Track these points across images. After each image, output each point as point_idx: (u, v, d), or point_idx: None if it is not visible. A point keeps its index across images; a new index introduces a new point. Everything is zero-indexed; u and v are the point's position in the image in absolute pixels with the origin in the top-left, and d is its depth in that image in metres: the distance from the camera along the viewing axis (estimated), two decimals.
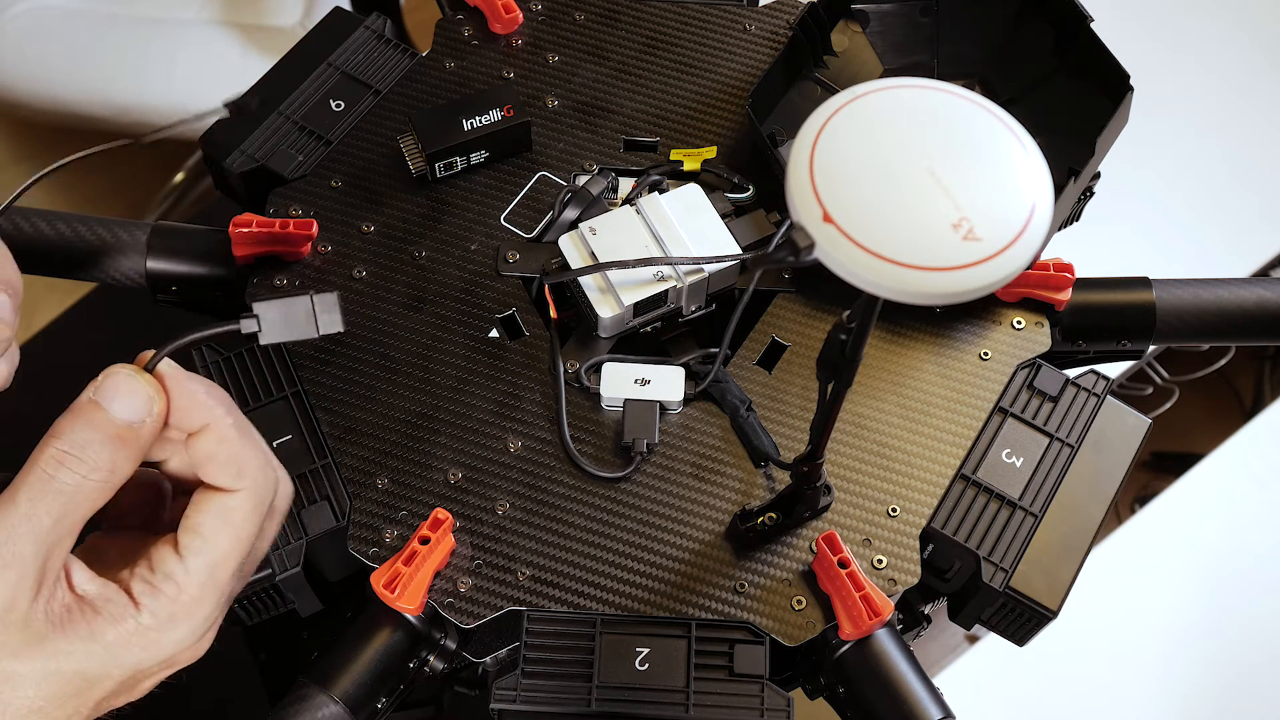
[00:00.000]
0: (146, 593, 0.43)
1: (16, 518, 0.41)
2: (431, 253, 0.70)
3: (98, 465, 0.42)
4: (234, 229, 0.68)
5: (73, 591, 0.42)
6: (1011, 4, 0.75)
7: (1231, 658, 1.21)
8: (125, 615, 0.43)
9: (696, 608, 0.61)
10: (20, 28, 1.37)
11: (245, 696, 0.82)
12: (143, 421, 0.43)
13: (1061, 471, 0.65)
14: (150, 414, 0.43)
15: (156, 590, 0.43)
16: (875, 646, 0.60)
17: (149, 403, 0.43)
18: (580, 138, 0.74)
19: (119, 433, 0.42)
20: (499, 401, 0.66)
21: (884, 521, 0.63)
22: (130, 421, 0.42)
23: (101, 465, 0.42)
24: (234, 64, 1.36)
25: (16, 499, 0.41)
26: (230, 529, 0.45)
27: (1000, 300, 0.69)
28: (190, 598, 0.44)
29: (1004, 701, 1.20)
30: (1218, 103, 1.41)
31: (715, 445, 0.65)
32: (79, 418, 0.42)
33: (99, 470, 0.42)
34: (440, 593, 0.60)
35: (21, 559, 0.40)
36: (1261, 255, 1.34)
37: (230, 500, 0.45)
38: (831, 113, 0.41)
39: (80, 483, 0.41)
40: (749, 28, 0.79)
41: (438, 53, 0.77)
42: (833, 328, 0.48)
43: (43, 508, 0.41)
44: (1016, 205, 0.39)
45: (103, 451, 0.42)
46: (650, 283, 0.66)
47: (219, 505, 0.44)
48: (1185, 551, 1.26)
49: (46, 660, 0.42)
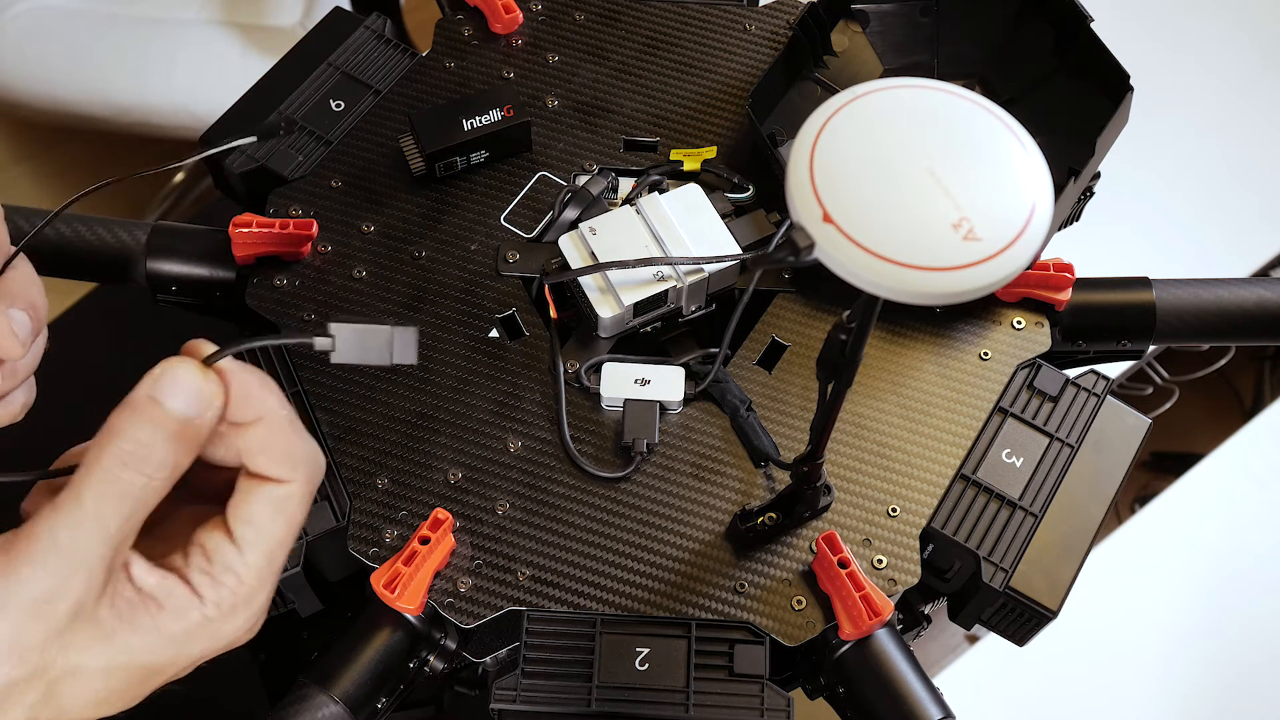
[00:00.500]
0: (208, 585, 0.43)
1: (85, 519, 0.40)
2: (431, 253, 0.70)
3: (163, 464, 0.41)
4: (234, 229, 0.68)
5: (132, 584, 0.42)
6: (1011, 4, 0.75)
7: (1231, 658, 1.21)
8: (190, 608, 0.43)
9: (696, 608, 0.61)
10: (20, 28, 1.37)
11: (245, 696, 0.82)
12: (202, 415, 0.42)
13: (1061, 471, 0.65)
14: (211, 408, 0.42)
15: (218, 583, 0.43)
16: (875, 646, 0.60)
17: (209, 397, 0.42)
18: (580, 138, 0.74)
19: (179, 429, 0.41)
20: (499, 401, 0.66)
21: (884, 521, 0.63)
22: (190, 417, 0.42)
23: (166, 463, 0.41)
24: (234, 64, 1.36)
25: (83, 500, 0.40)
26: (285, 518, 0.44)
27: (1000, 300, 0.69)
28: (250, 588, 0.44)
29: (1004, 701, 1.20)
30: (1218, 103, 1.41)
31: (715, 445, 0.65)
32: (139, 415, 0.41)
33: (164, 468, 0.41)
34: (440, 593, 0.60)
35: (90, 561, 0.40)
36: (1261, 255, 1.34)
37: (284, 490, 0.44)
38: (831, 113, 0.41)
39: (146, 482, 0.41)
40: (749, 28, 0.79)
41: (438, 53, 0.77)
42: (833, 328, 0.48)
43: (110, 509, 0.41)
44: (1016, 205, 0.39)
45: (166, 449, 0.41)
46: (650, 283, 0.66)
47: (274, 495, 0.44)
48: (1185, 551, 1.26)
49: (115, 654, 0.42)
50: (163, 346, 0.46)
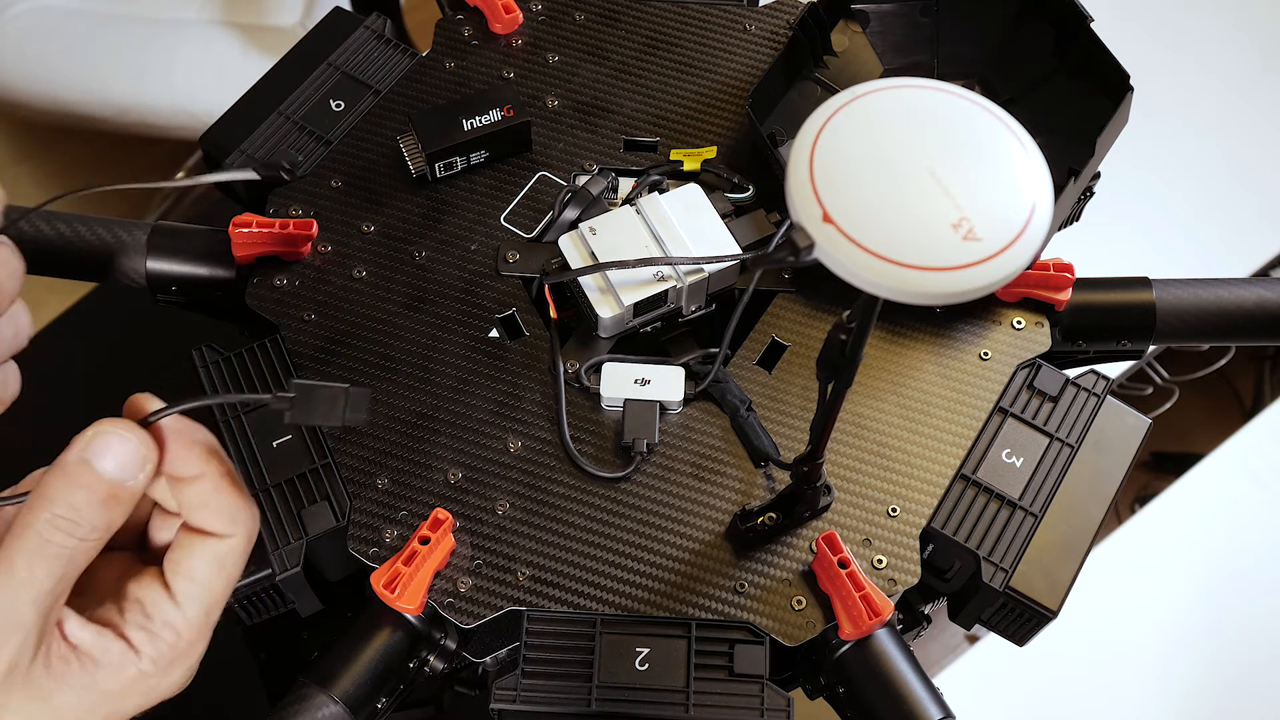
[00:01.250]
0: (145, 640, 0.43)
1: (17, 582, 0.40)
2: (431, 253, 0.70)
3: (94, 526, 0.41)
4: (234, 229, 0.68)
5: (66, 641, 0.42)
6: (1011, 4, 0.75)
7: (1231, 658, 1.21)
8: (126, 664, 0.43)
9: (696, 608, 0.61)
10: (20, 28, 1.37)
11: (245, 696, 0.82)
12: (134, 478, 0.42)
13: (1061, 471, 0.65)
14: (143, 471, 0.42)
15: (156, 638, 0.44)
16: (875, 646, 0.60)
17: (141, 460, 0.42)
18: (580, 138, 0.74)
19: (111, 492, 0.42)
20: (499, 401, 0.66)
21: (884, 521, 0.63)
22: (122, 481, 0.42)
23: (97, 526, 0.42)
24: (234, 64, 1.36)
25: (14, 563, 0.41)
26: (224, 573, 0.45)
27: (1000, 300, 0.69)
28: (188, 642, 0.44)
29: (1004, 701, 1.20)
30: (1218, 103, 1.41)
31: (715, 445, 0.65)
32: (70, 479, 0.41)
33: (95, 531, 0.42)
34: (440, 593, 0.60)
35: (24, 624, 0.40)
36: (1261, 255, 1.34)
37: (224, 546, 0.45)
38: (831, 113, 0.41)
39: (78, 545, 0.41)
40: (749, 28, 0.79)
41: (438, 53, 0.77)
42: (833, 328, 0.48)
43: (42, 571, 0.41)
44: (1016, 205, 0.39)
45: (97, 512, 0.41)
46: (650, 283, 0.66)
47: (213, 550, 0.44)
48: (1185, 551, 1.26)
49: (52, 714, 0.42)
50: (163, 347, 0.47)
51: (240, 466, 0.63)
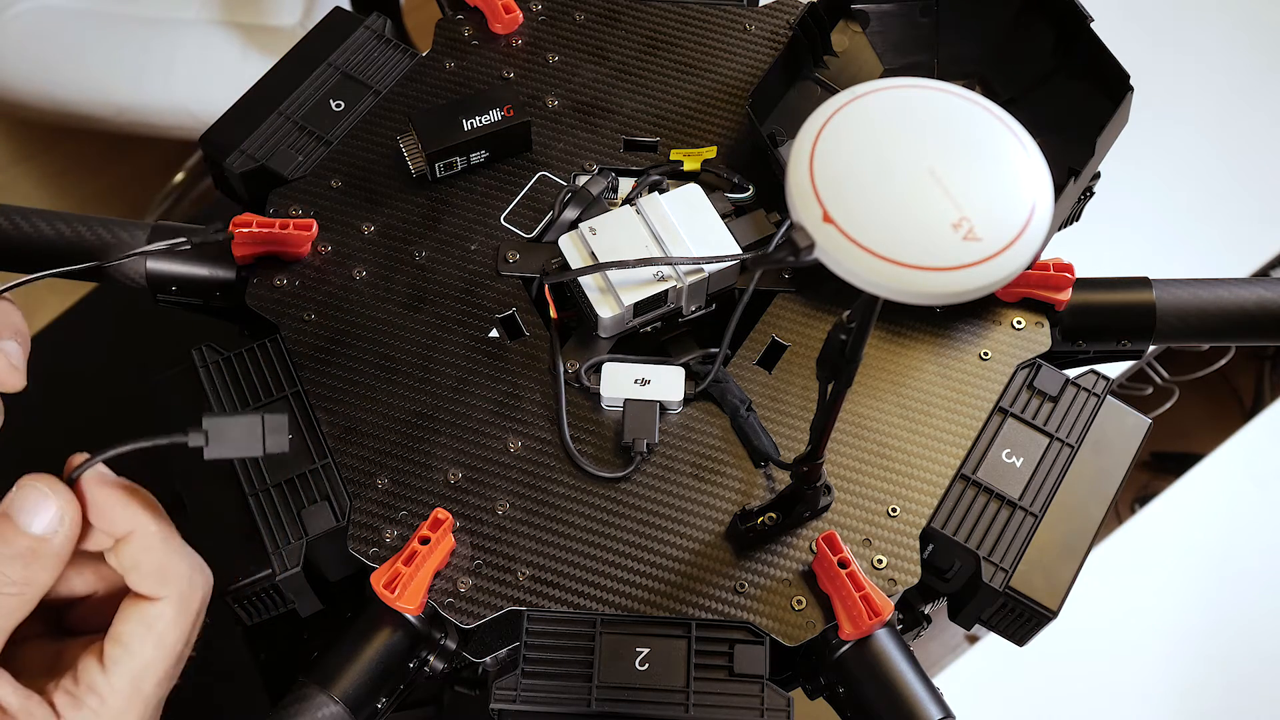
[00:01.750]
0: (69, 705, 0.43)
1: None
2: (431, 253, 0.70)
3: (12, 579, 0.42)
4: (234, 229, 0.67)
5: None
6: (1011, 4, 0.75)
7: (1231, 658, 1.21)
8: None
9: (696, 608, 0.61)
10: (20, 28, 1.37)
11: (245, 696, 0.82)
12: (55, 533, 0.42)
13: (1061, 471, 0.65)
14: (62, 525, 0.42)
15: (79, 703, 0.43)
16: (875, 646, 0.60)
17: (59, 515, 0.42)
18: (580, 138, 0.74)
19: (31, 545, 0.42)
20: (499, 401, 0.66)
21: (884, 521, 0.63)
22: (41, 535, 0.42)
23: (16, 580, 0.42)
24: (234, 64, 1.36)
25: None
26: (153, 638, 0.44)
27: (1000, 300, 0.69)
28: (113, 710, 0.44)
29: (1004, 701, 1.20)
30: (1218, 103, 1.41)
31: (715, 445, 0.65)
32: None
33: (14, 584, 0.42)
34: (440, 593, 0.60)
35: None
36: (1261, 255, 1.34)
37: (154, 610, 0.44)
38: (831, 113, 0.41)
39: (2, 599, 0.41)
40: (749, 28, 0.79)
41: (438, 53, 0.77)
42: (833, 328, 0.48)
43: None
44: (1016, 205, 0.39)
45: (15, 566, 0.42)
46: (650, 283, 0.66)
47: (143, 614, 0.44)
48: (1185, 551, 1.26)
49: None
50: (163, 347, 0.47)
51: (240, 467, 0.63)
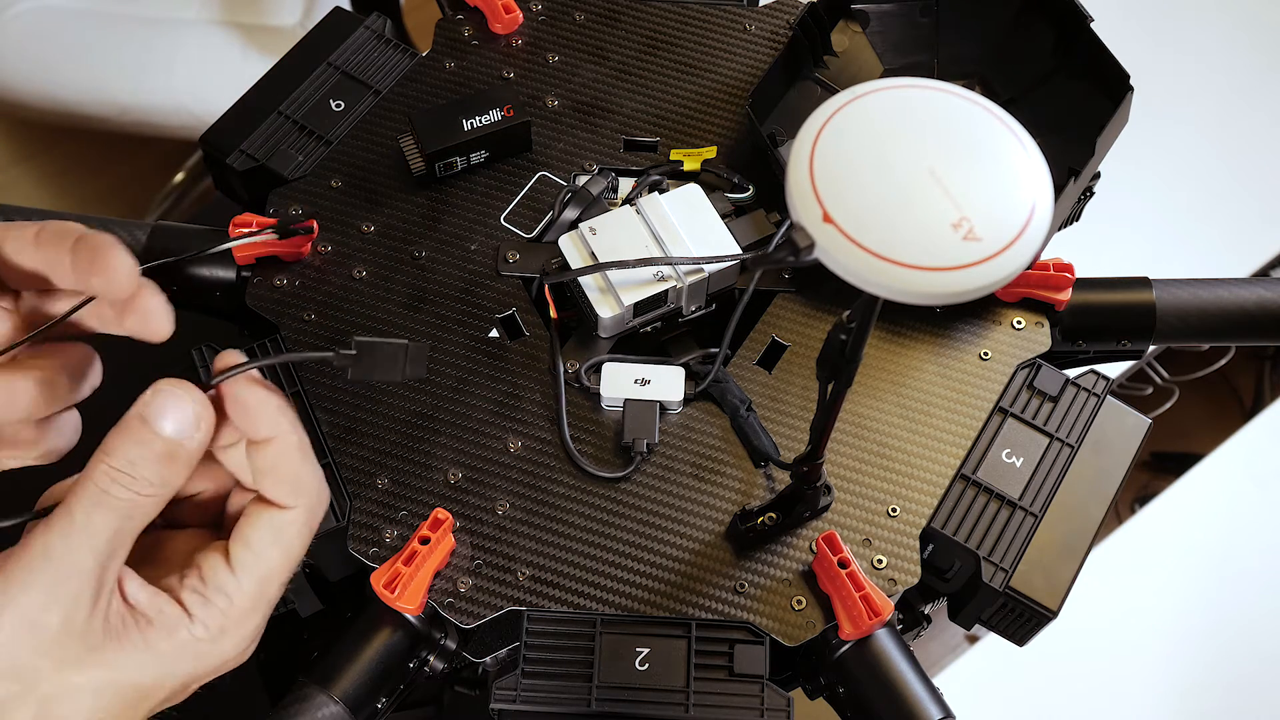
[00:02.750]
0: (198, 604, 0.44)
1: (74, 531, 0.41)
2: (431, 253, 0.70)
3: (150, 481, 0.42)
4: (234, 229, 0.67)
5: (125, 601, 0.43)
6: (1011, 4, 0.75)
7: (1231, 658, 1.21)
8: (178, 625, 0.43)
9: (696, 608, 0.61)
10: (20, 28, 1.37)
11: (245, 696, 0.82)
12: (191, 437, 0.43)
13: (1061, 471, 0.65)
14: (198, 430, 0.43)
15: (208, 602, 0.44)
16: (875, 646, 0.60)
17: (195, 420, 0.43)
18: (580, 138, 0.74)
19: (167, 449, 0.42)
20: (499, 401, 0.66)
21: (884, 521, 0.63)
22: (177, 438, 0.43)
23: (153, 480, 0.42)
24: (234, 64, 1.36)
25: (73, 512, 0.41)
26: (281, 545, 0.45)
27: (1000, 300, 0.69)
28: (240, 611, 0.44)
29: (1004, 701, 1.20)
30: (1218, 103, 1.41)
31: (715, 445, 0.65)
32: (128, 435, 0.42)
33: (150, 485, 0.42)
34: (440, 593, 0.60)
35: (80, 571, 0.41)
36: (1261, 255, 1.34)
37: (285, 517, 0.45)
38: (831, 113, 0.41)
39: (133, 498, 0.42)
40: (749, 28, 0.79)
41: (438, 53, 0.77)
42: (833, 328, 0.48)
43: (99, 521, 0.41)
44: (1016, 205, 0.39)
45: (152, 468, 0.42)
46: (650, 283, 0.66)
47: (273, 521, 0.45)
48: (1185, 551, 1.26)
49: (105, 671, 0.42)
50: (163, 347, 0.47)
51: None
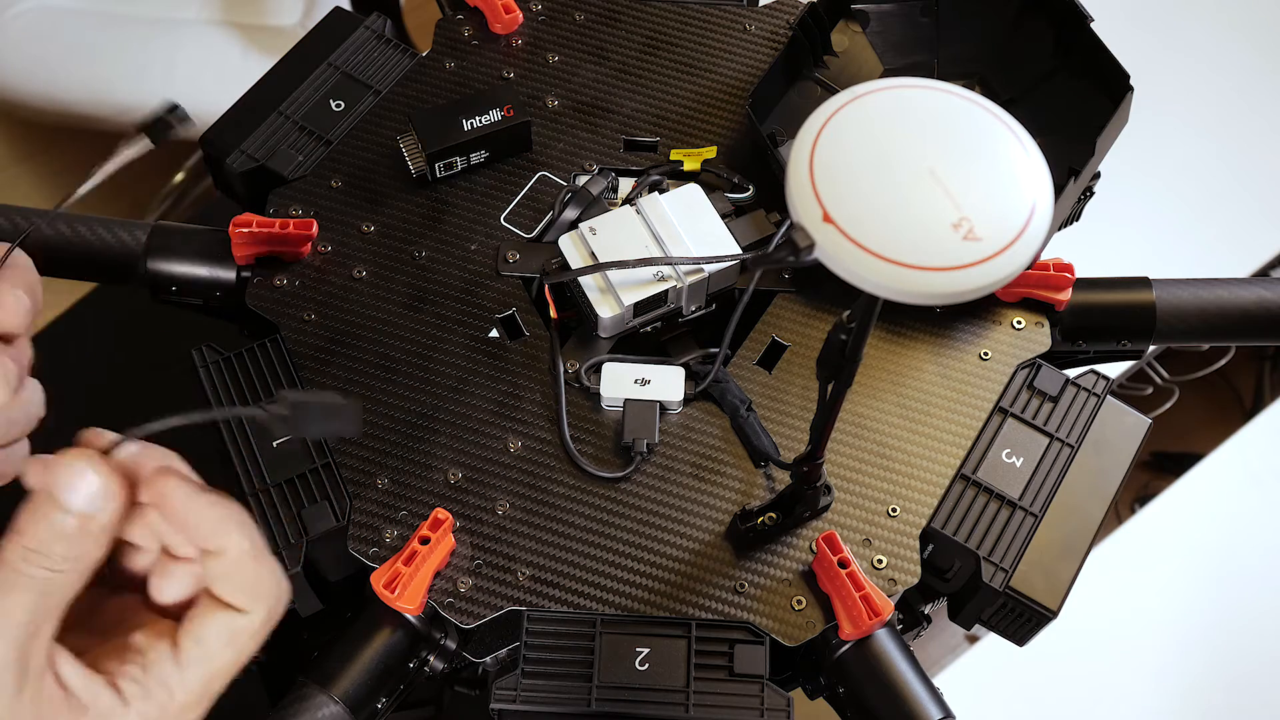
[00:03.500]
0: (138, 695, 0.43)
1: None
2: (431, 253, 0.70)
3: (65, 557, 0.41)
4: (234, 229, 0.68)
5: (59, 683, 0.42)
6: (1011, 4, 0.75)
7: (1231, 658, 1.21)
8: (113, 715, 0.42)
9: (696, 608, 0.61)
10: (20, 28, 1.37)
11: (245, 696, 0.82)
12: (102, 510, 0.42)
13: (1061, 471, 0.65)
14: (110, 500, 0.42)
15: (148, 694, 0.43)
16: (875, 646, 0.60)
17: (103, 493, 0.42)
18: (580, 138, 0.74)
19: (79, 524, 0.41)
20: (499, 401, 0.66)
21: (884, 521, 0.63)
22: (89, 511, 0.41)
23: (67, 557, 0.41)
24: (234, 64, 1.36)
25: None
26: (235, 647, 0.44)
27: (1000, 300, 0.69)
28: (180, 706, 0.43)
29: (1004, 701, 1.20)
30: (1218, 103, 1.41)
31: (715, 445, 0.65)
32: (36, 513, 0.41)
33: (65, 561, 0.41)
34: (440, 593, 0.60)
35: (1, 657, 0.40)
36: (1261, 255, 1.34)
37: (240, 620, 0.44)
38: (831, 113, 0.41)
39: (49, 575, 0.41)
40: (749, 28, 0.79)
41: (438, 53, 0.77)
42: (833, 328, 0.48)
43: (15, 602, 0.40)
44: (1016, 205, 0.39)
45: (64, 545, 0.41)
46: (650, 283, 0.66)
47: (230, 623, 0.44)
48: (1185, 551, 1.26)
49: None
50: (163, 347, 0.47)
51: (240, 467, 0.63)
